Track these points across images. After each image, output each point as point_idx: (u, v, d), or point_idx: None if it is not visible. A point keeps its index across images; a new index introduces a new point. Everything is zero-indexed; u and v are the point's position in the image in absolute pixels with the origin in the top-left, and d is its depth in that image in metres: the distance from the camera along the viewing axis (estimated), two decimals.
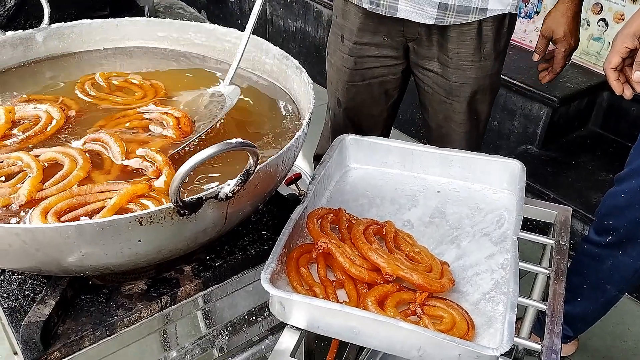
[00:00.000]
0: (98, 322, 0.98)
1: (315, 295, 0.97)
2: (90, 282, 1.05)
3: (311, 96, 1.14)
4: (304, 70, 1.23)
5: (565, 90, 2.74)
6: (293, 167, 1.12)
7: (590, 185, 2.61)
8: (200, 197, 0.84)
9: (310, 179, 1.20)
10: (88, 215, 0.93)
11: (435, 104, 1.74)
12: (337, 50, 1.78)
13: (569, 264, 1.20)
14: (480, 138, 1.84)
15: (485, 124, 1.81)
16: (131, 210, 0.93)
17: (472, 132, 1.77)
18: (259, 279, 0.94)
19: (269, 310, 1.22)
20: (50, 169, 1.02)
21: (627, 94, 1.38)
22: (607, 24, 2.76)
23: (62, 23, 1.39)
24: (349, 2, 1.67)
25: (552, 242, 1.20)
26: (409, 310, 0.97)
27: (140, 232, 0.83)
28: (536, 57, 1.74)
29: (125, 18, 1.44)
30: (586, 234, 1.88)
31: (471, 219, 1.20)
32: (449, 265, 1.06)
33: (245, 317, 1.22)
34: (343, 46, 1.75)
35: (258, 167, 0.85)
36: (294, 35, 3.92)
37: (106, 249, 0.84)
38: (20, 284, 1.05)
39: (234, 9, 4.34)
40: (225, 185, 0.86)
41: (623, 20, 2.69)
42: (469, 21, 1.55)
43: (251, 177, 0.86)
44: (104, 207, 0.92)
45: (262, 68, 1.39)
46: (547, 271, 1.13)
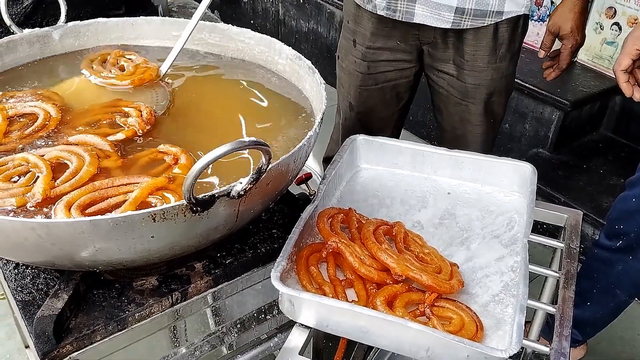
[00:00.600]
0: (110, 316, 0.99)
1: (325, 294, 0.97)
2: (103, 277, 1.06)
3: (323, 96, 1.15)
4: (317, 70, 1.23)
5: (578, 93, 2.73)
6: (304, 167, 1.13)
7: (601, 190, 2.60)
8: (213, 195, 0.85)
9: (321, 178, 1.20)
10: (110, 208, 0.94)
11: (450, 106, 1.74)
12: (349, 54, 1.78)
13: (578, 268, 1.20)
14: (495, 139, 1.84)
15: (499, 125, 1.81)
16: (151, 204, 0.94)
17: (489, 133, 1.77)
18: (269, 277, 0.94)
19: (277, 309, 1.23)
20: (56, 168, 1.03)
21: (637, 96, 1.38)
22: (620, 28, 2.74)
23: (79, 21, 1.41)
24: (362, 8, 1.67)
25: (562, 245, 1.20)
26: (418, 311, 0.97)
27: (154, 228, 0.84)
28: (542, 53, 1.74)
29: (141, 17, 1.45)
30: (596, 238, 1.87)
31: (481, 221, 1.20)
32: (458, 267, 1.06)
33: (254, 314, 1.23)
34: (355, 51, 1.75)
35: (270, 165, 0.86)
36: (306, 36, 3.93)
37: (120, 244, 0.85)
38: (33, 277, 1.06)
39: (247, 9, 4.35)
40: (237, 183, 0.87)
41: (637, 24, 2.68)
42: (485, 24, 1.55)
43: (263, 176, 0.87)
44: (125, 200, 0.94)
45: (275, 68, 1.40)
46: (557, 274, 1.13)
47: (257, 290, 1.19)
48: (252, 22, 4.34)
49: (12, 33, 1.34)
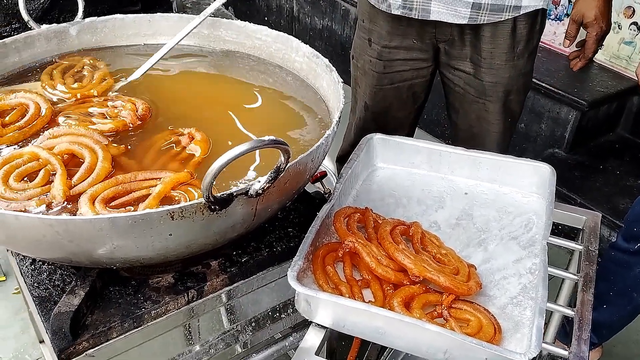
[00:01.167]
0: (126, 313, 0.99)
1: (341, 294, 0.97)
2: (119, 274, 1.06)
3: (341, 95, 1.14)
4: (334, 69, 1.23)
5: (595, 94, 2.70)
6: None
7: (618, 191, 2.57)
8: (231, 193, 0.85)
9: (337, 177, 1.20)
10: (133, 202, 0.94)
11: (466, 105, 1.73)
12: (364, 54, 1.77)
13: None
14: (511, 138, 1.82)
15: (516, 124, 1.79)
16: (175, 198, 0.95)
17: (506, 132, 1.75)
18: (284, 276, 0.94)
19: (292, 308, 1.23)
20: (67, 161, 1.03)
21: None
22: (639, 28, 2.71)
23: (96, 17, 1.41)
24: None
25: (580, 247, 1.18)
26: (435, 313, 0.96)
27: (172, 226, 0.84)
28: (567, 43, 1.70)
29: (158, 14, 1.45)
30: (613, 240, 1.85)
31: (499, 222, 1.19)
32: (476, 268, 1.05)
33: (269, 313, 1.23)
34: (371, 50, 1.74)
35: (288, 164, 0.86)
36: (320, 33, 3.91)
37: (137, 241, 0.85)
38: (50, 274, 1.07)
39: (261, 6, 4.35)
40: (255, 182, 0.86)
41: None
42: (502, 19, 1.54)
43: (281, 175, 0.86)
44: (148, 194, 0.94)
45: (292, 66, 1.39)
46: (575, 277, 1.12)
47: (272, 289, 1.19)
48: (266, 18, 4.33)
49: (30, 29, 1.34)
